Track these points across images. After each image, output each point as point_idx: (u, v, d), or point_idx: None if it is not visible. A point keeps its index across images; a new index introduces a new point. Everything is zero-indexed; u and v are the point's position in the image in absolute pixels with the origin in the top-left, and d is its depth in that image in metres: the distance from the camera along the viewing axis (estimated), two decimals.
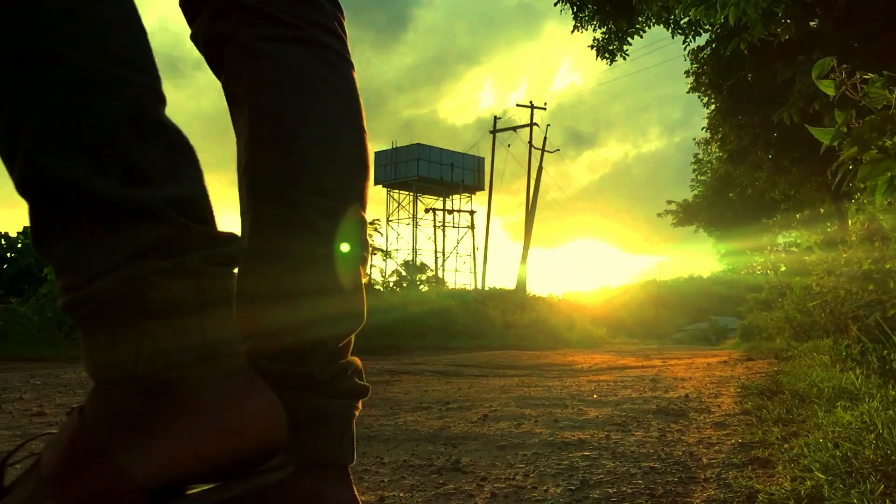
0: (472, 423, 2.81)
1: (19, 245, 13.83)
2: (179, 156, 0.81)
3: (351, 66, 1.10)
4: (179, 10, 1.10)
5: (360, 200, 1.05)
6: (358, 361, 1.05)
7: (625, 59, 14.52)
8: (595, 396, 3.69)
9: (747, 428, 2.50)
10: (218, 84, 1.07)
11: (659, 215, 26.53)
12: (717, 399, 3.49)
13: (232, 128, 1.06)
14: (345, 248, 1.01)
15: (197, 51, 1.09)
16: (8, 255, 13.94)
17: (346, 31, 1.11)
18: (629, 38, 14.10)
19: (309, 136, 1.00)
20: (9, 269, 13.68)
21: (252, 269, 1.00)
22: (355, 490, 1.02)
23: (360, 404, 1.03)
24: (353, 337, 1.04)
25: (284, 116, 1.00)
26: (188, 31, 1.08)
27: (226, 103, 1.06)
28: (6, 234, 15.11)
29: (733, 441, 2.27)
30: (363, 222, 1.06)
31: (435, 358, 10.06)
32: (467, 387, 4.50)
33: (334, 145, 1.02)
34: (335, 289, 1.00)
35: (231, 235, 0.85)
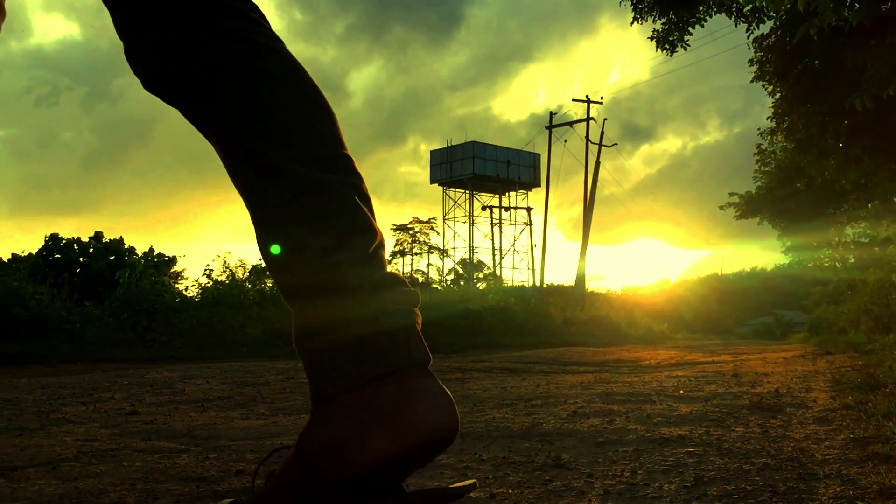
0: (562, 420, 2.78)
1: (91, 250, 14.24)
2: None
3: (277, 39, 1.18)
4: None
5: (328, 140, 1.13)
6: (399, 272, 1.11)
7: (685, 49, 14.27)
8: (682, 392, 3.63)
9: (854, 423, 2.42)
10: None
11: (721, 208, 25.89)
12: (809, 394, 3.40)
13: None
14: (326, 177, 1.08)
15: None
16: (80, 259, 14.35)
17: (266, 19, 1.20)
18: (690, 28, 13.84)
19: (259, 103, 1.09)
20: (82, 273, 14.09)
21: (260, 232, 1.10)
22: (440, 382, 1.07)
23: (417, 311, 1.09)
24: (381, 252, 1.11)
25: (229, 102, 1.10)
26: None
27: None
28: (78, 239, 15.60)
29: (843, 436, 2.20)
30: (344, 157, 1.13)
31: (499, 355, 10.03)
32: (545, 384, 4.47)
33: (283, 103, 1.11)
34: (335, 206, 1.07)
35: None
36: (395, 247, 42.20)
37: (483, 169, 44.23)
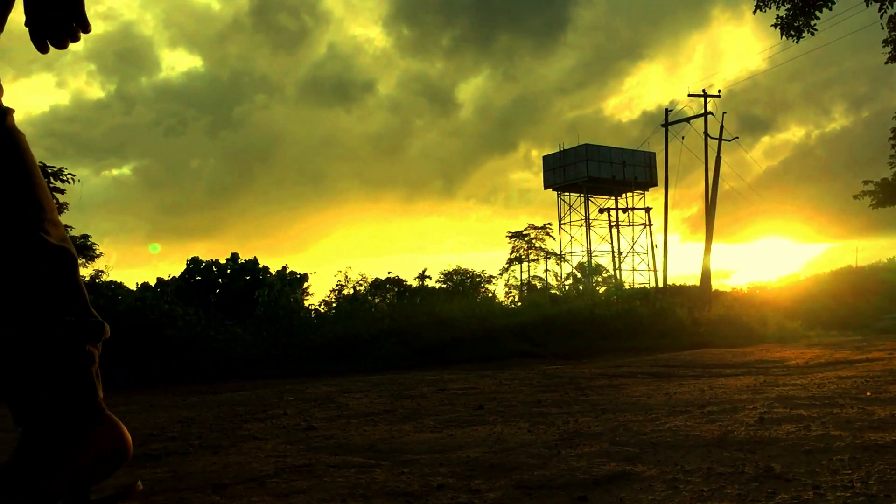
0: (751, 427, 2.67)
1: (228, 271, 14.90)
2: None
3: None
4: (346, 36, 1.34)
5: None
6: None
7: (812, 34, 13.64)
8: (868, 394, 3.43)
9: None
10: (388, 104, 1.26)
11: (855, 197, 24.51)
12: None
13: (400, 146, 1.30)
14: None
15: (364, 73, 1.30)
16: (219, 280, 15.02)
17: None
18: (817, 13, 13.21)
19: None
20: (221, 293, 14.74)
21: None
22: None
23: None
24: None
25: None
26: (355, 55, 1.27)
27: (394, 123, 1.32)
28: (216, 261, 16.41)
29: None
30: None
31: (633, 359, 9.83)
32: (707, 388, 4.32)
33: None
34: None
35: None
36: (511, 254, 42.06)
37: (597, 171, 43.59)
